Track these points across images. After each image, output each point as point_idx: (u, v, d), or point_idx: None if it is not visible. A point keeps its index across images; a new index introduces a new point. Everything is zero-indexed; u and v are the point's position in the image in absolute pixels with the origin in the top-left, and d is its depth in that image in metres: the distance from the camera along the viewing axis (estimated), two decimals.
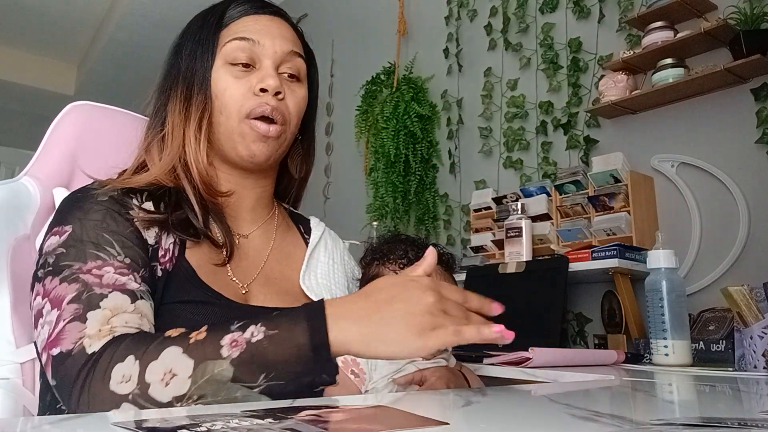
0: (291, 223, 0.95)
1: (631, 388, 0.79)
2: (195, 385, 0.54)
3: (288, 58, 0.82)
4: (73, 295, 0.63)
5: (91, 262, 0.66)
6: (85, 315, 0.61)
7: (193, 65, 0.81)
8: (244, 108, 0.78)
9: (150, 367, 0.55)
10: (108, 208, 0.71)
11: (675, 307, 1.16)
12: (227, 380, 0.55)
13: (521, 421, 0.50)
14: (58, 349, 0.60)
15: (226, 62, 0.80)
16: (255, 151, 0.79)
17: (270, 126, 0.78)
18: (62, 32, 4.39)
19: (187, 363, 0.55)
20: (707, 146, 1.62)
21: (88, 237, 0.68)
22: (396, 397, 0.66)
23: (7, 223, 0.86)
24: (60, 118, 0.96)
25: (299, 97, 0.83)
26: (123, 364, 0.56)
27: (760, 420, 0.49)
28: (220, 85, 0.79)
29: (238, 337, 0.56)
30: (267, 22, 0.83)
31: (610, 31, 1.89)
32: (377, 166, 2.50)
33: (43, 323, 0.63)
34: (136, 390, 0.55)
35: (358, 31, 3.10)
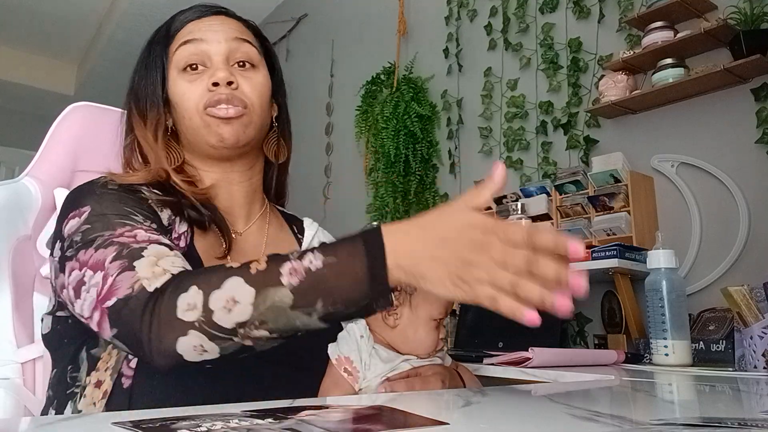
0: (283, 222, 0.97)
1: (631, 388, 0.79)
2: (257, 311, 0.57)
3: (235, 47, 0.84)
4: (113, 255, 0.64)
5: (120, 229, 0.67)
6: (132, 264, 0.62)
7: (143, 84, 0.85)
8: (200, 104, 0.81)
9: (213, 295, 0.57)
10: (120, 192, 0.73)
11: (675, 307, 1.16)
12: (287, 306, 0.57)
13: (521, 421, 0.50)
14: (114, 298, 0.61)
15: (179, 70, 0.83)
16: (222, 134, 0.80)
17: (228, 108, 0.80)
18: (62, 32, 4.39)
19: (249, 290, 0.57)
20: (707, 146, 1.62)
21: (110, 210, 0.69)
22: (396, 397, 0.66)
23: (8, 224, 0.86)
24: (61, 119, 0.97)
25: (256, 81, 0.84)
26: (187, 293, 0.58)
27: (760, 420, 0.49)
28: (178, 92, 0.83)
29: (297, 265, 0.57)
30: (209, 22, 0.86)
31: (610, 31, 1.89)
32: (377, 166, 2.50)
33: (88, 288, 0.63)
34: (201, 317, 0.57)
35: (358, 31, 3.10)
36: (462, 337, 1.69)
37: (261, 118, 0.85)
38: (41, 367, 0.87)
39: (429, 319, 0.82)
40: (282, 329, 0.58)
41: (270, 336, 0.58)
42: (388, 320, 0.82)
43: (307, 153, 3.17)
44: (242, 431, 0.38)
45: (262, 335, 0.58)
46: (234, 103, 0.80)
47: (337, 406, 0.52)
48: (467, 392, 0.74)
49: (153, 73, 0.85)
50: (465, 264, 0.53)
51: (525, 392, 0.73)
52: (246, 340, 0.58)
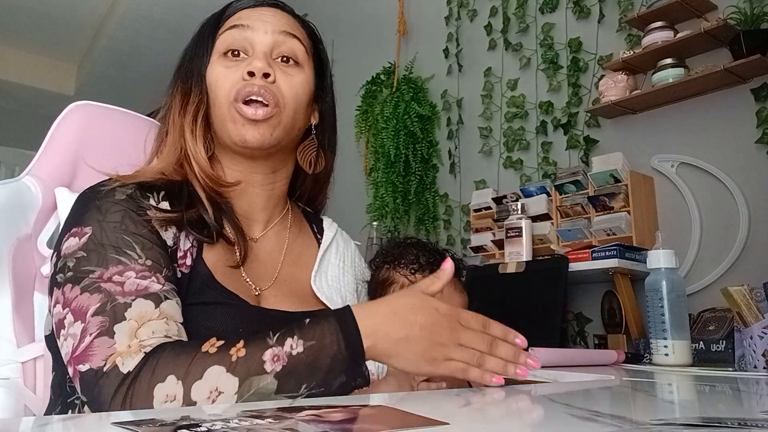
0: (304, 221, 0.94)
1: (631, 388, 0.79)
2: (241, 399, 0.57)
3: (281, 40, 0.80)
4: (96, 306, 0.62)
5: (113, 268, 0.65)
6: (112, 329, 0.60)
7: (191, 65, 0.82)
8: (232, 93, 0.77)
9: (195, 387, 0.56)
10: (126, 209, 0.70)
11: (675, 307, 1.16)
12: (271, 392, 0.57)
13: (521, 421, 0.50)
14: (88, 365, 0.59)
15: (220, 54, 0.80)
16: (245, 136, 0.76)
17: (258, 109, 0.76)
18: (62, 32, 4.39)
19: (233, 381, 0.57)
20: (707, 146, 1.62)
21: (108, 240, 0.67)
22: (396, 397, 0.66)
23: (9, 223, 0.86)
24: (62, 118, 0.96)
25: (295, 81, 0.80)
26: (164, 384, 0.57)
27: (760, 420, 0.49)
28: (213, 76, 0.79)
29: (279, 352, 0.58)
30: (261, 11, 0.83)
31: (610, 31, 1.89)
32: (377, 166, 2.50)
33: (66, 335, 0.62)
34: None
35: (358, 31, 3.10)
36: None
37: (293, 121, 0.80)
38: (42, 366, 0.87)
39: None
40: None
41: None
42: None
43: None
44: (242, 431, 0.38)
45: None
46: (266, 99, 0.76)
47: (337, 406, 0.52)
48: (467, 392, 0.74)
49: (200, 53, 0.81)
50: (435, 344, 0.61)
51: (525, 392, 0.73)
52: None
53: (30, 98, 4.93)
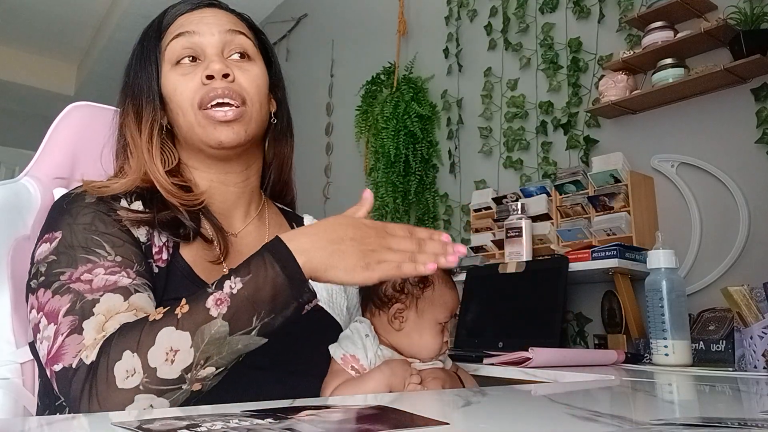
0: (283, 220, 0.95)
1: (631, 388, 0.79)
2: (198, 351, 0.58)
3: (229, 38, 0.81)
4: (67, 307, 0.63)
5: (82, 267, 0.66)
6: (81, 325, 0.61)
7: (138, 79, 0.82)
8: (195, 99, 0.77)
9: (150, 354, 0.57)
10: (96, 210, 0.71)
11: (675, 307, 1.16)
12: (225, 335, 0.59)
13: (521, 421, 0.50)
14: (60, 364, 0.60)
15: (172, 64, 0.80)
16: (219, 137, 0.77)
17: (227, 110, 0.77)
18: (62, 32, 4.39)
19: (184, 336, 0.58)
20: (707, 146, 1.62)
21: (77, 242, 0.68)
22: (396, 397, 0.66)
23: (8, 224, 0.86)
24: (60, 119, 0.96)
25: (253, 74, 0.81)
26: (122, 361, 0.57)
27: (760, 420, 0.49)
28: (170, 87, 0.79)
29: (220, 295, 0.60)
30: (201, 14, 0.83)
31: (610, 31, 1.89)
32: (377, 166, 2.50)
33: (41, 338, 0.63)
34: (145, 378, 0.57)
35: (358, 31, 3.09)
36: (462, 337, 1.69)
37: (260, 114, 0.82)
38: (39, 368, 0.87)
39: (435, 323, 0.82)
40: (226, 358, 0.59)
41: (216, 371, 0.59)
42: (393, 323, 0.82)
43: (307, 153, 3.17)
44: (242, 431, 0.38)
45: (209, 373, 0.59)
46: (232, 98, 0.77)
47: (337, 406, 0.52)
48: (467, 392, 0.74)
49: (147, 67, 0.82)
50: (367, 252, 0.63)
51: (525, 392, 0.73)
52: (194, 384, 0.59)
53: (30, 98, 4.93)
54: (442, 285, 0.84)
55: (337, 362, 0.79)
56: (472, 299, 1.75)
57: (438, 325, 0.83)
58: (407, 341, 0.82)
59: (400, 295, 0.82)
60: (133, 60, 0.85)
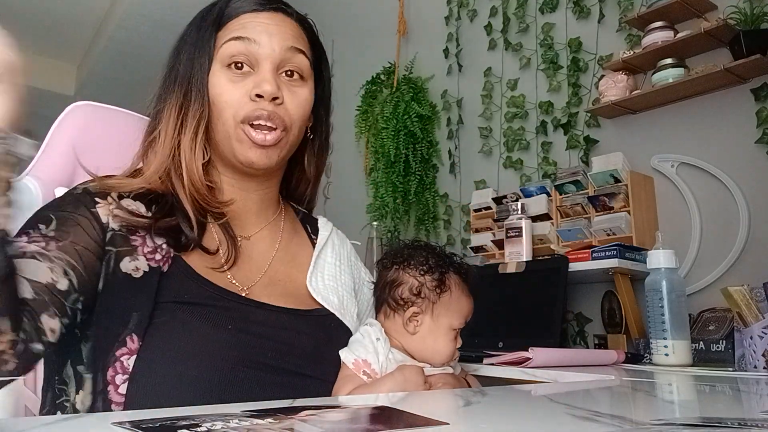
0: (298, 223, 0.94)
1: (631, 388, 0.79)
2: None
3: (288, 56, 0.79)
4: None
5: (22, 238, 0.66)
6: None
7: (190, 70, 0.78)
8: (239, 114, 0.75)
9: None
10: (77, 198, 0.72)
11: (675, 307, 1.16)
12: None
13: (521, 421, 0.50)
14: None
15: (223, 65, 0.77)
16: (253, 159, 0.76)
17: (267, 134, 0.75)
18: (62, 32, 4.39)
19: None
20: (707, 146, 1.62)
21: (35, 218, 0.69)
22: (396, 397, 0.66)
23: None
24: (62, 118, 0.96)
25: (301, 98, 0.80)
26: None
27: (760, 420, 0.49)
28: (216, 89, 0.77)
29: None
30: (266, 20, 0.79)
31: (610, 31, 1.89)
32: (377, 166, 2.50)
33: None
34: None
35: (358, 31, 3.09)
36: (462, 337, 1.69)
37: (297, 138, 0.81)
38: (41, 366, 0.87)
39: (449, 328, 0.82)
40: None
41: None
42: (408, 326, 0.82)
43: None
44: (242, 431, 0.38)
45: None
46: (275, 123, 0.75)
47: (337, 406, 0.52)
48: (467, 392, 0.74)
49: (202, 58, 0.78)
50: None
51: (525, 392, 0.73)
52: None
53: (30, 98, 4.92)
54: (458, 291, 0.84)
55: (349, 367, 0.78)
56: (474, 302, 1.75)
57: (452, 331, 0.83)
58: (421, 345, 0.82)
59: (417, 298, 0.82)
60: (186, 44, 0.81)
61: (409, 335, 0.82)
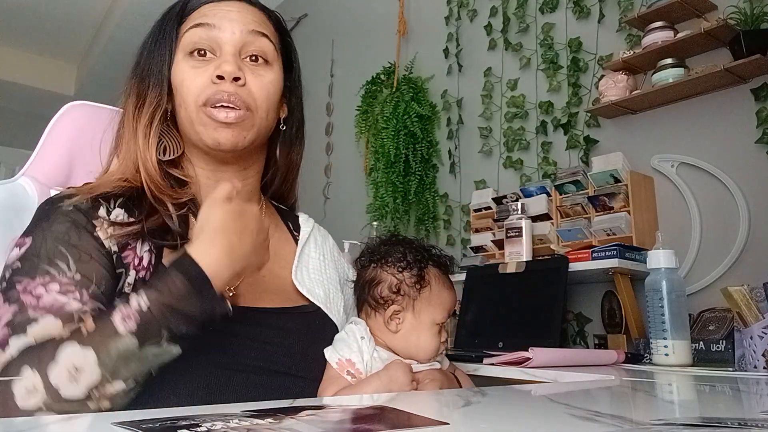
0: (279, 220, 0.94)
1: (631, 388, 0.79)
2: (106, 369, 0.56)
3: (249, 40, 0.78)
4: (7, 319, 0.61)
5: (39, 278, 0.64)
6: (8, 341, 0.60)
7: (150, 62, 0.79)
8: (201, 98, 0.75)
9: (51, 371, 0.56)
10: (73, 220, 0.69)
11: (675, 307, 1.16)
12: (135, 349, 0.58)
13: (521, 421, 0.50)
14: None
15: (185, 53, 0.78)
16: (219, 139, 0.75)
17: (228, 112, 0.74)
18: (62, 32, 4.39)
19: (89, 353, 0.57)
20: (707, 146, 1.62)
21: (44, 251, 0.66)
22: (395, 397, 0.66)
23: (5, 224, 0.86)
24: (57, 119, 0.96)
25: (266, 80, 0.79)
26: (21, 379, 0.55)
27: (760, 420, 0.49)
28: (179, 77, 0.77)
29: (127, 311, 0.59)
30: (226, 7, 0.80)
31: (610, 31, 1.89)
32: (377, 166, 2.50)
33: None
34: (47, 398, 0.55)
35: (358, 31, 3.09)
36: (462, 337, 1.69)
37: (265, 121, 0.80)
38: None
39: (432, 323, 0.82)
40: (137, 372, 0.58)
41: (126, 388, 0.58)
42: (390, 325, 0.81)
43: (307, 153, 3.16)
44: (242, 431, 0.38)
45: (119, 389, 0.57)
46: (236, 104, 0.75)
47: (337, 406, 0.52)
48: (467, 392, 0.74)
49: (161, 50, 0.79)
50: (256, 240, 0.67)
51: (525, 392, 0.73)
52: (102, 402, 0.57)
53: (30, 98, 4.93)
54: (439, 285, 0.84)
55: (333, 367, 0.78)
56: (472, 299, 1.75)
57: (436, 325, 0.82)
58: (404, 343, 0.81)
59: (396, 296, 0.81)
60: (149, 40, 0.81)
61: (391, 333, 0.81)
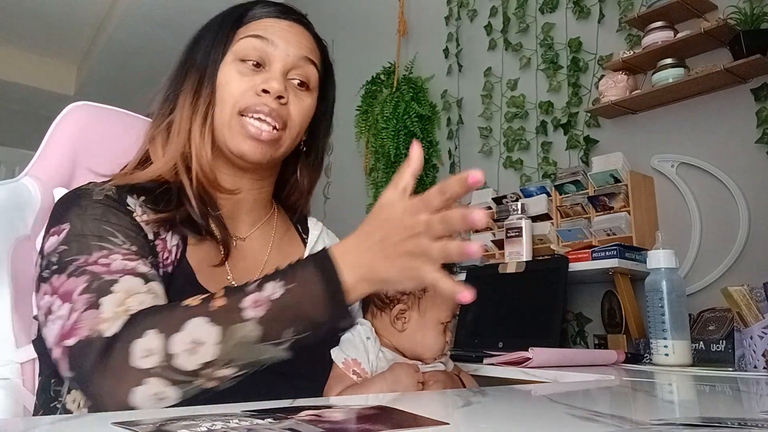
0: (289, 223, 0.95)
1: (631, 388, 0.79)
2: (223, 351, 0.56)
3: (300, 64, 0.81)
4: (83, 287, 0.61)
5: (96, 253, 0.64)
6: (98, 302, 0.60)
7: (206, 59, 0.80)
8: (239, 104, 0.76)
9: (173, 338, 0.55)
10: (106, 205, 0.70)
11: (675, 307, 1.16)
12: (255, 341, 0.56)
13: (521, 421, 0.50)
14: (75, 338, 0.58)
15: (236, 58, 0.79)
16: (245, 150, 0.76)
17: (263, 127, 0.76)
18: (62, 32, 4.38)
19: (213, 330, 0.56)
20: (707, 146, 1.62)
21: (89, 230, 0.66)
22: (396, 397, 0.66)
23: (8, 224, 0.86)
24: (61, 119, 0.96)
25: (305, 105, 0.81)
26: (143, 339, 0.55)
27: (760, 420, 0.49)
28: (223, 79, 0.78)
29: (259, 297, 0.57)
30: (286, 27, 0.82)
31: (610, 31, 1.89)
32: (377, 166, 2.50)
33: (54, 319, 0.61)
34: (162, 362, 0.55)
35: (358, 31, 3.09)
36: (462, 337, 1.69)
37: (292, 141, 0.81)
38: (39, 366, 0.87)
39: (437, 322, 0.82)
40: (248, 364, 0.58)
41: (234, 374, 0.57)
42: (396, 324, 0.82)
43: None
44: (242, 431, 0.38)
45: (227, 374, 0.57)
46: (274, 120, 0.76)
47: (337, 406, 0.52)
48: (467, 392, 0.74)
49: (217, 49, 0.80)
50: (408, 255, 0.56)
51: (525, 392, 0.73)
52: (210, 382, 0.57)
53: (30, 98, 4.93)
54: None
55: (339, 367, 0.79)
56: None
57: (440, 324, 0.83)
58: (410, 342, 0.82)
59: (402, 295, 0.82)
60: (205, 37, 0.82)
61: (397, 333, 0.82)
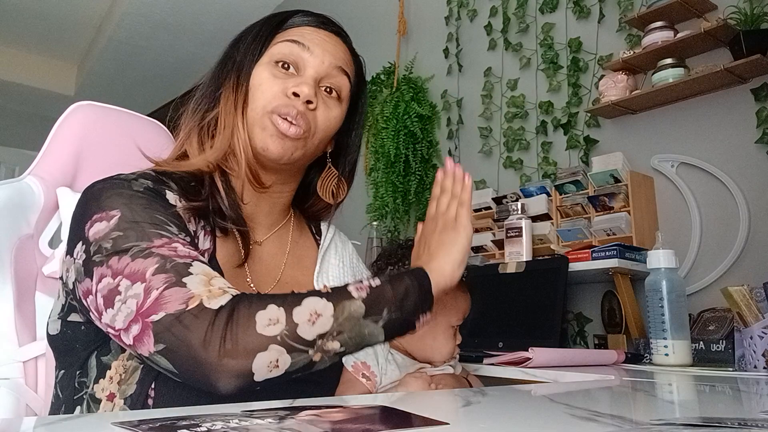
0: (304, 224, 0.95)
1: (631, 388, 0.79)
2: (336, 322, 0.62)
3: (333, 74, 0.82)
4: (155, 267, 0.62)
5: (157, 240, 0.65)
6: (181, 281, 0.61)
7: (244, 59, 0.82)
8: (270, 105, 0.78)
9: (295, 311, 0.61)
10: (148, 195, 0.70)
11: (675, 307, 1.16)
12: (360, 316, 0.64)
13: (521, 421, 0.50)
14: (162, 313, 0.59)
15: (272, 60, 0.80)
16: (269, 145, 0.77)
17: (290, 126, 0.77)
18: (62, 32, 4.38)
19: (328, 305, 0.63)
20: (707, 146, 1.62)
21: (141, 218, 0.66)
22: (396, 397, 0.66)
23: (11, 223, 0.86)
24: (64, 118, 0.96)
25: (332, 114, 0.82)
26: (266, 311, 0.60)
27: (760, 420, 0.49)
28: (257, 79, 0.80)
29: (360, 285, 0.66)
30: (324, 36, 0.84)
31: (610, 31, 1.89)
32: (377, 166, 2.50)
33: (124, 298, 0.61)
34: (285, 330, 0.60)
35: (357, 31, 3.08)
36: (462, 337, 1.69)
37: (314, 149, 0.82)
38: (43, 365, 0.87)
39: (447, 326, 0.83)
40: (353, 339, 0.64)
41: (340, 349, 0.63)
42: None
43: None
44: (242, 431, 0.38)
45: (335, 347, 0.63)
46: (300, 123, 0.77)
47: (337, 407, 0.52)
48: (467, 392, 0.74)
49: (255, 50, 0.82)
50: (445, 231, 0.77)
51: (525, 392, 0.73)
52: (318, 354, 0.61)
53: (30, 98, 4.93)
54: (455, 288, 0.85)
55: (348, 370, 0.79)
56: (472, 299, 1.75)
57: (451, 328, 0.83)
58: (420, 345, 0.82)
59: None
60: (248, 37, 0.84)
61: (407, 336, 0.82)
